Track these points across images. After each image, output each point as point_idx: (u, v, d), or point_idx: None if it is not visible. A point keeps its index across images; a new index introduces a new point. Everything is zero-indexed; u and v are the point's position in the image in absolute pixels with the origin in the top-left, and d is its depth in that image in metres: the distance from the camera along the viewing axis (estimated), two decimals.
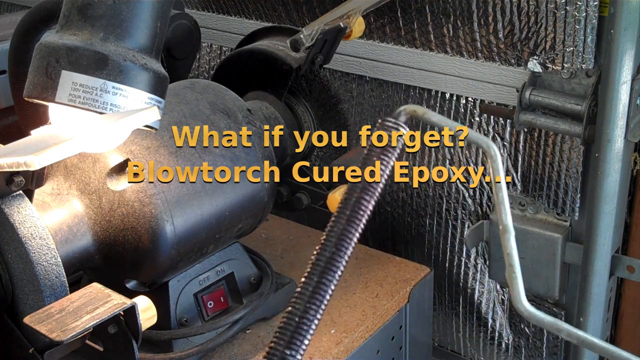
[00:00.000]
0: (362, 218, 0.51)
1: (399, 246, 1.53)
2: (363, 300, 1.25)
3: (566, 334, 0.51)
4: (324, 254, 0.50)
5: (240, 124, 1.11)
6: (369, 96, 1.46)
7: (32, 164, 0.74)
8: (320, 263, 0.50)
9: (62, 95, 0.82)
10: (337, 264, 0.50)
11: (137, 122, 0.81)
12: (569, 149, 1.25)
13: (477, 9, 1.24)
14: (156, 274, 1.04)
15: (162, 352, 1.06)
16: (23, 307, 0.88)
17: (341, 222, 0.51)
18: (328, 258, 0.50)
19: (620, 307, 1.45)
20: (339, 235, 0.51)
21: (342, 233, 0.51)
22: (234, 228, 1.10)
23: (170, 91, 0.96)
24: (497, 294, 1.44)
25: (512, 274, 0.52)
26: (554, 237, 1.30)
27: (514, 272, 0.52)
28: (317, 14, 1.42)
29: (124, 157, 0.99)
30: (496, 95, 1.30)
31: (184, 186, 1.01)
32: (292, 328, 0.49)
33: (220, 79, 1.22)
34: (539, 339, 1.43)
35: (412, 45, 1.37)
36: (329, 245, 0.50)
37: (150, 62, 0.86)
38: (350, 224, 0.51)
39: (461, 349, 1.55)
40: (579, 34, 1.15)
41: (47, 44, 0.83)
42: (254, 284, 1.17)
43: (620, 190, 1.25)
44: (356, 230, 0.51)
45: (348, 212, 0.51)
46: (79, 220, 0.98)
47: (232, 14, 1.60)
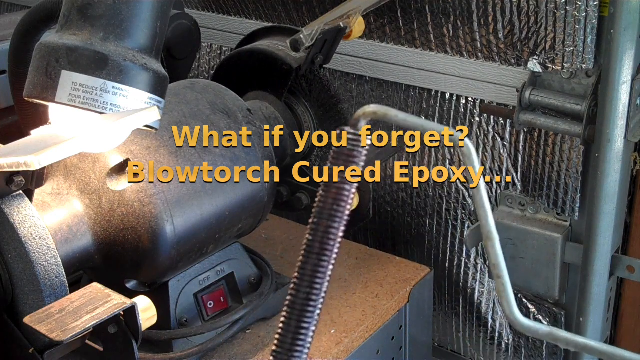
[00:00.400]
0: (332, 248, 0.49)
1: (399, 246, 1.53)
2: (363, 300, 1.25)
3: (564, 343, 0.48)
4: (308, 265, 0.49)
5: (240, 124, 1.11)
6: (369, 96, 1.46)
7: (32, 164, 0.74)
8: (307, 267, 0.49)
9: (62, 95, 0.82)
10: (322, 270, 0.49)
11: (137, 122, 0.81)
12: (569, 149, 1.25)
13: (477, 9, 1.24)
14: (156, 274, 1.04)
15: (162, 352, 1.06)
16: (23, 307, 0.88)
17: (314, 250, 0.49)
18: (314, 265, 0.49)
19: (620, 307, 1.45)
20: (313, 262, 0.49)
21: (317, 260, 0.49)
22: (234, 228, 1.10)
23: (170, 91, 0.96)
24: (497, 294, 1.44)
25: (502, 286, 0.48)
26: (554, 237, 1.30)
27: (502, 283, 0.48)
28: (317, 14, 1.42)
29: (124, 157, 0.98)
30: (496, 95, 1.30)
31: (184, 186, 1.01)
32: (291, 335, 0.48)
33: (220, 79, 1.22)
34: (539, 339, 1.43)
35: (412, 45, 1.37)
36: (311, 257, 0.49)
37: (150, 62, 0.86)
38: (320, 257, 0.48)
39: (461, 349, 1.55)
40: (579, 34, 1.15)
41: (47, 44, 0.83)
42: (254, 284, 1.17)
43: (620, 190, 1.25)
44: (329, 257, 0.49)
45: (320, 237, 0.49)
46: (79, 220, 0.98)
47: (232, 14, 1.60)
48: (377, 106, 0.49)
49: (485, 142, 1.34)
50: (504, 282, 0.48)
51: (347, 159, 0.49)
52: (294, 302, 0.48)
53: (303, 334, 0.48)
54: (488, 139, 1.34)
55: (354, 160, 0.49)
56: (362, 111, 0.49)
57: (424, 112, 1.40)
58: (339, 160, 0.49)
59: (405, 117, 0.48)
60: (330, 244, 0.48)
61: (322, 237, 0.48)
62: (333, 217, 0.48)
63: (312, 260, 0.48)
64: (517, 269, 1.35)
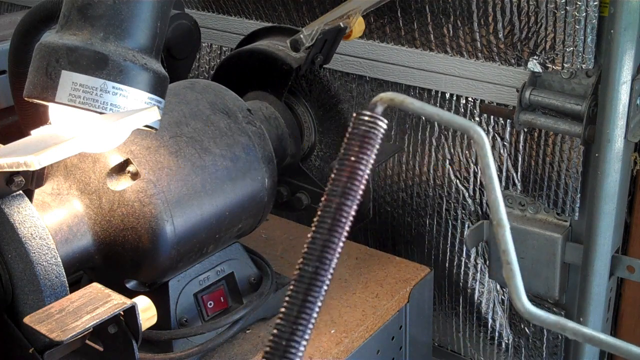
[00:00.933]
0: (344, 226, 0.48)
1: (399, 246, 1.54)
2: (363, 300, 1.25)
3: (571, 333, 0.48)
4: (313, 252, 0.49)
5: (240, 124, 1.11)
6: (369, 96, 1.46)
7: (32, 164, 0.74)
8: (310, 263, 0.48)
9: (62, 95, 0.82)
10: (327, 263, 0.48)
11: (137, 122, 0.81)
12: (569, 149, 1.25)
13: (477, 9, 1.24)
14: (156, 274, 1.04)
15: (162, 352, 1.06)
16: (23, 307, 0.88)
17: (324, 228, 0.48)
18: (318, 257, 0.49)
19: (620, 307, 1.45)
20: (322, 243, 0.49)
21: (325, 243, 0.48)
22: (234, 228, 1.10)
23: (170, 91, 0.96)
24: (497, 294, 1.44)
25: (510, 272, 0.49)
26: (554, 237, 1.30)
27: (511, 269, 0.48)
28: (317, 14, 1.42)
29: (124, 157, 0.98)
30: (496, 95, 1.30)
31: (184, 186, 1.01)
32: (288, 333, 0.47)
33: (220, 79, 1.22)
34: (539, 339, 1.43)
35: (412, 45, 1.37)
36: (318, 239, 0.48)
37: (150, 62, 0.86)
38: (334, 228, 0.48)
39: (461, 349, 1.55)
40: (579, 34, 1.15)
41: (47, 44, 0.83)
42: (254, 284, 1.17)
43: (620, 190, 1.25)
44: (341, 233, 0.49)
45: (330, 219, 0.49)
46: (79, 220, 0.98)
47: (232, 14, 1.60)
48: (394, 93, 0.49)
49: None
50: (512, 268, 0.48)
51: (362, 140, 0.49)
52: (303, 275, 0.47)
53: (310, 304, 0.48)
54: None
55: (370, 142, 0.49)
56: (379, 97, 0.49)
57: None
58: (355, 140, 0.49)
59: (421, 105, 0.48)
60: (342, 221, 0.48)
61: (334, 214, 0.48)
62: (346, 195, 0.48)
63: (322, 236, 0.48)
64: None
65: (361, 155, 0.48)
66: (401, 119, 1.43)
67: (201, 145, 1.05)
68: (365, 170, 0.49)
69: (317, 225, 0.48)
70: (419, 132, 1.42)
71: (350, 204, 0.48)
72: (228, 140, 1.08)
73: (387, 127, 0.51)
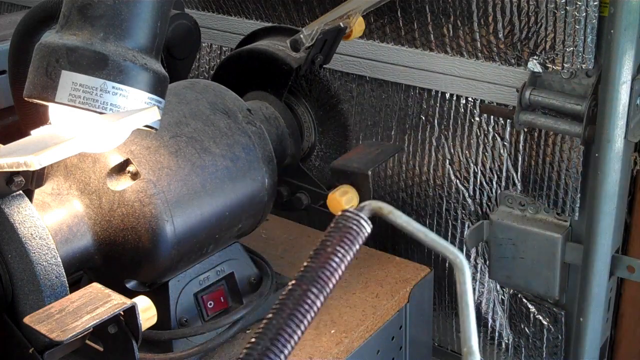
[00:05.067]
0: (306, 315, 0.47)
1: (399, 246, 1.53)
2: (363, 300, 1.25)
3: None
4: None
5: (240, 124, 1.11)
6: (369, 96, 1.46)
7: (32, 164, 0.74)
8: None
9: (62, 95, 0.82)
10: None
11: (137, 122, 0.81)
12: (569, 149, 1.25)
13: (477, 9, 1.24)
14: (156, 274, 1.04)
15: (162, 352, 1.06)
16: (23, 307, 0.88)
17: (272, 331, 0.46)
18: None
19: (620, 307, 1.45)
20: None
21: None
22: (234, 228, 1.10)
23: (170, 91, 0.96)
24: (497, 294, 1.44)
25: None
26: (554, 237, 1.30)
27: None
28: (317, 14, 1.42)
29: (124, 157, 0.99)
30: (496, 95, 1.30)
31: (184, 186, 1.01)
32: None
33: (220, 79, 1.22)
34: (539, 339, 1.43)
35: (412, 45, 1.37)
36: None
37: (150, 62, 0.86)
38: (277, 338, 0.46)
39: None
40: (579, 34, 1.15)
41: (47, 44, 0.83)
42: (254, 284, 1.17)
43: (620, 190, 1.25)
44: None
45: (289, 309, 0.47)
46: (79, 220, 0.98)
47: (232, 14, 1.60)
48: (383, 204, 0.49)
49: (485, 142, 1.34)
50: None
51: (343, 236, 0.49)
52: (250, 354, 0.46)
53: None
54: (488, 139, 1.34)
55: (350, 238, 0.48)
56: (369, 203, 0.49)
57: (424, 112, 1.40)
58: (336, 234, 0.49)
59: (407, 220, 0.49)
60: (304, 307, 0.47)
61: (298, 300, 0.47)
62: (314, 284, 0.47)
63: (279, 321, 0.47)
64: (517, 269, 1.35)
65: (338, 249, 0.48)
66: (401, 119, 1.43)
67: (201, 145, 1.05)
68: (340, 265, 0.48)
69: (277, 308, 0.47)
70: (419, 132, 1.42)
71: (316, 293, 0.47)
72: (228, 140, 1.08)
73: (370, 231, 0.50)
